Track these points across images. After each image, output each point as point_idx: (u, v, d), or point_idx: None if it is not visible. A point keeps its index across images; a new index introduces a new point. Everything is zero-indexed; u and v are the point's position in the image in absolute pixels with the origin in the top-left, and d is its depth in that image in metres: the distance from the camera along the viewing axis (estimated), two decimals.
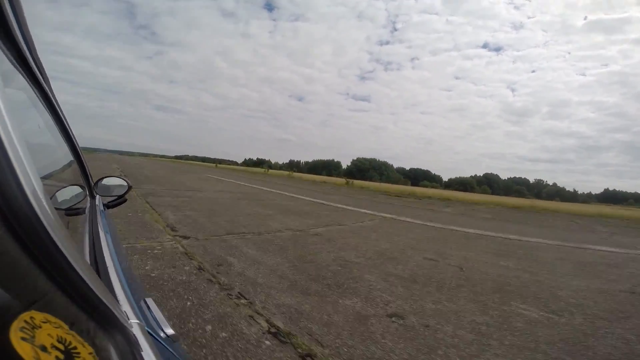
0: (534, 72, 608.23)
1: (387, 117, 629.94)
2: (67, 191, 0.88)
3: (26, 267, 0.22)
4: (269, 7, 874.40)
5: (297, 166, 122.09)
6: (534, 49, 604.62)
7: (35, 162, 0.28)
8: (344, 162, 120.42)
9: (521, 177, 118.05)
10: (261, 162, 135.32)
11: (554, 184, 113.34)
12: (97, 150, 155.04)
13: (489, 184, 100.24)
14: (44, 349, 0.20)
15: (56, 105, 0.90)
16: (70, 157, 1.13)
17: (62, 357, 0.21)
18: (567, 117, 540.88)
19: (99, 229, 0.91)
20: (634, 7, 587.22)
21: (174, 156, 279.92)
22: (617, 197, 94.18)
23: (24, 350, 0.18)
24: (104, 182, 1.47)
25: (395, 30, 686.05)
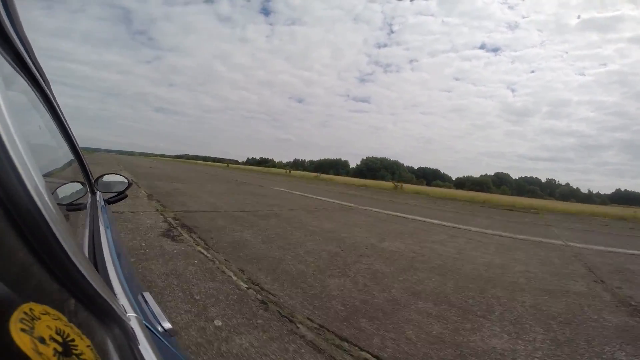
0: (533, 72, 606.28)
1: (387, 118, 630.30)
2: (68, 188, 0.90)
3: (26, 260, 0.22)
4: (265, 11, 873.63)
5: (302, 165, 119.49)
6: (531, 49, 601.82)
7: (36, 160, 0.28)
8: (347, 161, 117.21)
9: (532, 177, 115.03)
10: (265, 161, 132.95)
11: (566, 183, 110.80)
12: (97, 150, 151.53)
13: (501, 184, 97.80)
14: (42, 340, 0.20)
15: (56, 106, 0.91)
16: (70, 156, 1.17)
17: (60, 349, 0.21)
18: (567, 117, 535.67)
19: (99, 224, 0.93)
20: (625, 4, 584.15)
21: (174, 155, 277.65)
22: (629, 198, 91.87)
23: (23, 341, 0.18)
24: (105, 179, 1.46)
25: (392, 32, 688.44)
